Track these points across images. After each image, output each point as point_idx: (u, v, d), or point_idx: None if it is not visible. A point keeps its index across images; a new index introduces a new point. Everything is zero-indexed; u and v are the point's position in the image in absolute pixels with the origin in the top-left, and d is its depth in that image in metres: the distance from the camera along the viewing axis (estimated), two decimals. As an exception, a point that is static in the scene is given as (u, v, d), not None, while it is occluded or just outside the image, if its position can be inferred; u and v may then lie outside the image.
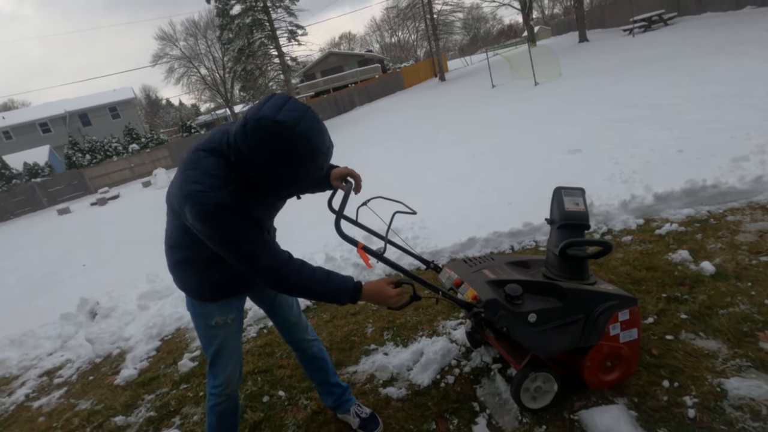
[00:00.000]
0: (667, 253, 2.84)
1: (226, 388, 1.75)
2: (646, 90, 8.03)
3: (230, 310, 1.69)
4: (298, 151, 1.23)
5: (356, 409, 2.05)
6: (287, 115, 1.21)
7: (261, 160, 1.25)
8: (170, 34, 40.70)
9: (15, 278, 7.54)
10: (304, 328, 1.97)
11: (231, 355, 1.74)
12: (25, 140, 33.12)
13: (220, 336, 1.69)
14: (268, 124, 1.19)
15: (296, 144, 1.22)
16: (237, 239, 1.35)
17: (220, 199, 1.29)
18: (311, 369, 2.03)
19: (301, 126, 1.22)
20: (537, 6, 52.87)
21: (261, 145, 1.22)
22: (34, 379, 3.42)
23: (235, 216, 1.33)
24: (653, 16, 17.58)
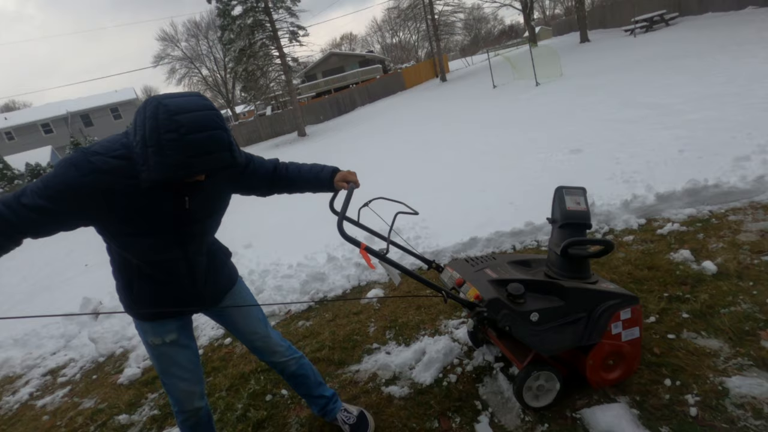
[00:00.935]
0: (669, 253, 2.84)
1: (184, 406, 1.69)
2: (648, 90, 8.03)
3: (165, 332, 1.58)
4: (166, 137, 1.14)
5: (343, 415, 2.02)
6: (176, 102, 1.16)
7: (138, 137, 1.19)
8: (172, 35, 40.83)
9: (18, 278, 7.57)
10: (273, 351, 1.86)
11: (179, 375, 1.64)
12: (27, 141, 33.25)
13: (160, 356, 1.61)
14: (154, 104, 1.16)
15: (167, 129, 1.13)
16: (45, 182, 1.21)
17: (78, 159, 1.22)
18: (293, 385, 2.00)
19: (184, 117, 1.14)
20: (538, 6, 52.90)
21: (143, 121, 1.17)
22: (37, 378, 3.43)
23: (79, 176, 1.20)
24: (655, 17, 17.56)
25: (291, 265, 4.04)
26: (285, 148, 18.89)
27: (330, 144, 16.05)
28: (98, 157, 1.23)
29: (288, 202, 4.04)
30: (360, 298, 3.37)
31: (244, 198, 1.89)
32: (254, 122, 27.25)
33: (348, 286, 3.57)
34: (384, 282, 3.53)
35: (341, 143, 15.23)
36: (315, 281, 3.65)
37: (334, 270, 3.78)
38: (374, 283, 3.55)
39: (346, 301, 3.38)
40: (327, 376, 2.50)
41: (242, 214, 6.96)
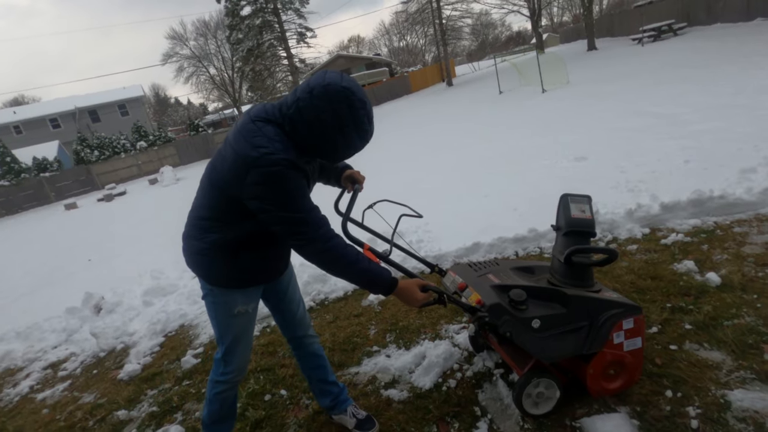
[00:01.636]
0: (673, 263, 2.83)
1: (236, 376, 1.79)
2: (654, 99, 8.01)
3: (252, 299, 1.72)
4: (359, 114, 1.36)
5: (353, 409, 2.05)
6: (350, 83, 1.36)
7: (324, 123, 1.35)
8: (181, 34, 41.16)
9: (22, 271, 7.61)
10: (308, 325, 2.00)
11: (247, 344, 1.78)
12: (34, 135, 33.49)
13: (239, 325, 1.72)
14: (338, 89, 1.33)
15: (358, 107, 1.35)
16: (301, 204, 1.42)
17: (289, 158, 1.37)
18: (310, 367, 2.04)
19: (361, 92, 1.37)
20: (546, 13, 52.90)
21: (328, 107, 1.33)
22: (38, 371, 3.45)
23: (301, 180, 1.42)
24: (663, 26, 17.54)
25: (293, 264, 4.04)
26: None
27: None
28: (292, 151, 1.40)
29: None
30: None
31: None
32: (260, 122, 27.31)
33: (350, 288, 3.57)
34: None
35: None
36: (317, 282, 3.66)
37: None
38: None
39: (347, 303, 3.38)
40: (326, 377, 2.49)
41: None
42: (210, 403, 1.83)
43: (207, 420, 1.87)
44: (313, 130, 1.38)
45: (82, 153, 25.31)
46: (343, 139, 1.39)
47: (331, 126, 1.35)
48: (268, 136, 1.39)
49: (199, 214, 1.59)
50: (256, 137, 1.39)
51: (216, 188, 1.49)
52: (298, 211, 1.41)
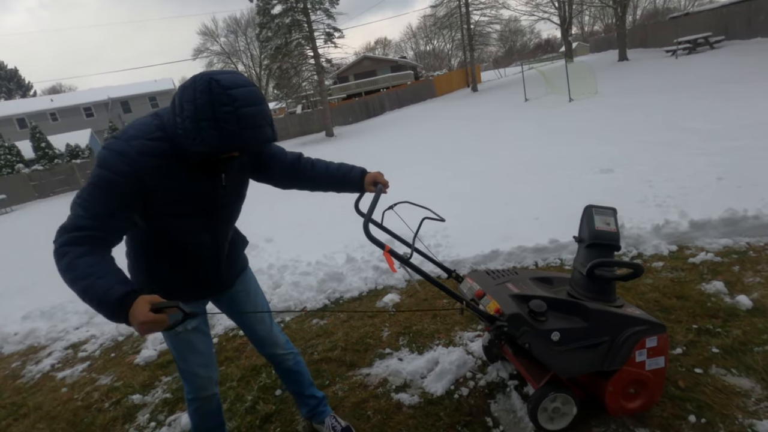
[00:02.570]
0: (701, 283, 2.72)
1: (200, 392, 1.72)
2: (687, 113, 7.77)
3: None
4: (222, 110, 1.18)
5: (332, 421, 2.01)
6: (226, 77, 1.22)
7: (185, 113, 1.22)
8: (212, 30, 42.11)
9: (50, 253, 7.86)
10: (274, 342, 1.88)
11: (196, 361, 1.66)
12: (69, 123, 34.75)
13: (180, 342, 1.63)
14: (204, 79, 1.20)
15: (222, 102, 1.18)
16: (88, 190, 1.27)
17: (121, 146, 1.27)
18: (286, 381, 2.02)
19: (236, 91, 1.20)
20: (577, 22, 52.04)
21: (190, 97, 1.20)
22: (60, 350, 3.55)
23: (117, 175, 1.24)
24: (699, 39, 17.03)
25: (310, 262, 4.07)
26: (312, 147, 19.09)
27: (357, 146, 16.16)
28: (138, 142, 1.28)
29: (311, 199, 4.08)
30: (371, 312, 3.35)
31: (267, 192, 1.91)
32: (284, 120, 27.72)
33: (365, 289, 3.57)
34: (401, 287, 3.51)
35: (368, 146, 15.31)
36: (332, 281, 3.66)
37: (352, 271, 3.79)
38: (391, 287, 3.53)
39: (362, 304, 3.38)
40: (337, 377, 2.49)
41: (265, 208, 7.07)
42: (191, 418, 1.80)
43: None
44: (177, 118, 1.25)
45: (112, 142, 26.09)
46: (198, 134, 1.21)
47: (190, 117, 1.21)
48: (135, 123, 1.34)
49: None
50: (129, 126, 1.35)
51: None
52: (78, 195, 1.29)
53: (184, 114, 1.22)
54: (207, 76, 1.21)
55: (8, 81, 48.41)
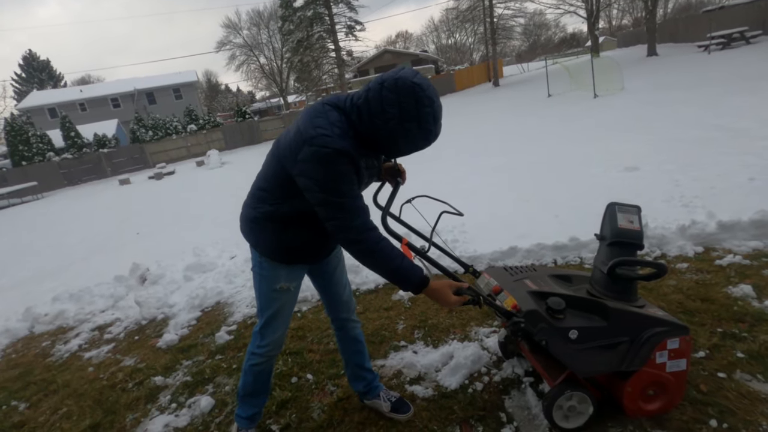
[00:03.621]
0: (727, 286, 2.64)
1: (271, 350, 1.85)
2: (718, 111, 7.49)
3: (296, 277, 1.78)
4: (424, 111, 1.35)
5: (385, 393, 2.10)
6: (421, 80, 1.37)
7: (387, 115, 1.36)
8: (235, 23, 42.55)
9: (77, 238, 8.18)
10: (352, 309, 2.04)
11: (284, 321, 1.84)
12: (97, 113, 35.77)
13: (280, 301, 1.78)
14: (408, 84, 1.34)
15: (425, 104, 1.35)
16: (343, 189, 1.43)
17: (342, 145, 1.39)
18: (349, 351, 2.08)
19: (431, 90, 1.37)
20: (604, 15, 50.61)
21: (394, 100, 1.34)
22: (87, 332, 3.70)
23: (349, 167, 1.42)
24: (734, 33, 16.36)
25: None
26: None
27: (375, 140, 16.12)
28: (348, 141, 1.42)
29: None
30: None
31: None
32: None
33: (381, 281, 3.59)
34: (417, 281, 3.51)
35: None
36: (349, 272, 3.66)
37: (368, 264, 3.80)
38: (407, 281, 3.54)
39: (377, 296, 3.40)
40: (352, 366, 2.52)
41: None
42: (245, 375, 1.91)
43: (241, 392, 1.95)
44: (375, 121, 1.39)
45: (137, 132, 26.79)
46: (404, 134, 1.39)
47: (395, 119, 1.36)
48: (331, 120, 1.43)
49: (258, 185, 1.67)
50: (318, 118, 1.44)
51: (276, 160, 1.56)
52: (338, 196, 1.43)
53: (386, 116, 1.37)
54: (409, 80, 1.34)
55: (40, 72, 50.04)
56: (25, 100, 36.61)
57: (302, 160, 1.42)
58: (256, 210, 1.66)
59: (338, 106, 1.48)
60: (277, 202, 1.60)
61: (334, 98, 1.53)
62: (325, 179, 1.41)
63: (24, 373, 3.16)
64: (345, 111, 1.47)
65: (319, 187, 1.42)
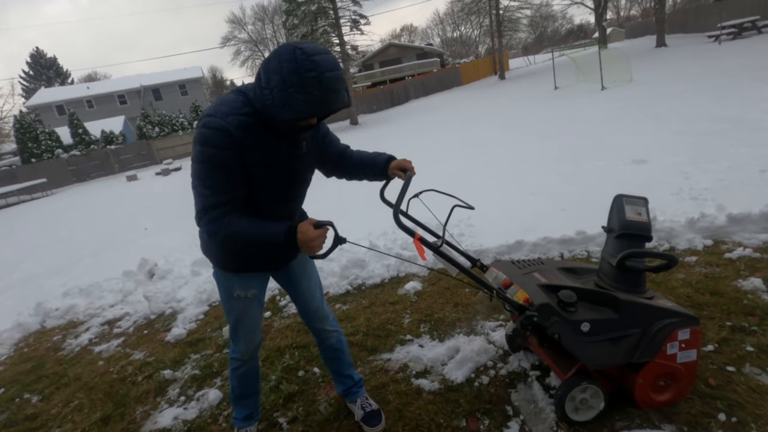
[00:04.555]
0: (737, 280, 2.61)
1: (244, 354, 1.86)
2: (729, 102, 7.37)
3: (251, 286, 1.75)
4: (308, 75, 1.25)
5: (363, 401, 2.07)
6: (308, 45, 1.29)
7: (272, 83, 1.29)
8: (240, 18, 42.52)
9: (87, 234, 8.27)
10: (324, 318, 1.99)
11: (249, 326, 1.82)
12: (104, 110, 36.00)
13: (239, 308, 1.77)
14: (289, 48, 1.28)
15: (306, 68, 1.25)
16: (203, 168, 1.38)
17: (221, 123, 1.35)
18: (327, 357, 2.09)
19: (320, 56, 1.27)
20: (612, 6, 49.88)
21: (278, 68, 1.27)
22: (97, 326, 3.75)
23: (223, 149, 1.36)
24: (745, 23, 16.06)
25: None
26: (337, 135, 19.16)
27: (381, 134, 16.11)
28: (233, 117, 1.37)
29: (333, 187, 4.10)
30: (397, 288, 3.36)
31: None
32: (309, 108, 27.82)
33: (387, 276, 3.59)
34: (423, 275, 3.52)
35: (392, 134, 15.24)
36: (355, 267, 3.70)
37: (374, 258, 3.81)
38: (413, 275, 3.54)
39: (383, 290, 3.40)
40: (359, 361, 2.53)
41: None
42: (231, 379, 1.95)
43: (231, 395, 2.00)
44: (264, 90, 1.32)
45: (144, 129, 26.95)
46: (288, 100, 1.29)
47: (278, 86, 1.28)
48: (224, 100, 1.42)
49: None
50: (216, 103, 1.43)
51: None
52: (197, 177, 1.40)
53: (271, 84, 1.30)
54: (291, 45, 1.29)
55: (48, 69, 50.42)
56: (34, 97, 36.90)
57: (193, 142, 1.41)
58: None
59: (241, 90, 1.46)
60: None
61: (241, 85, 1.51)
62: (197, 159, 1.38)
63: (36, 367, 3.22)
64: (243, 91, 1.44)
65: (193, 167, 1.40)
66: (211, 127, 1.35)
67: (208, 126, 1.36)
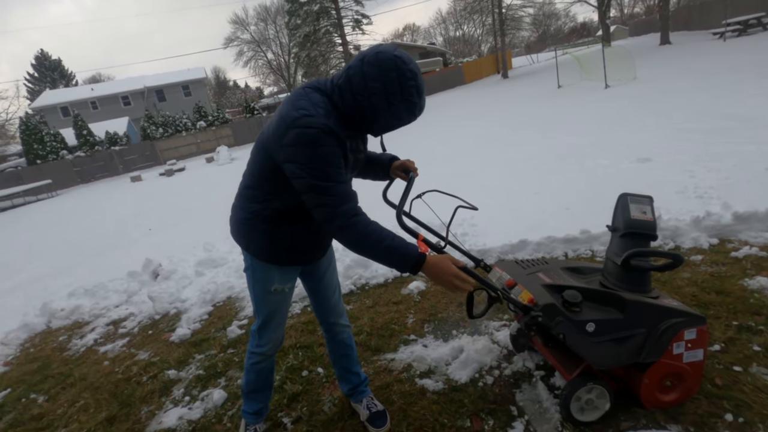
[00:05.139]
0: (743, 278, 2.59)
1: (270, 349, 1.86)
2: (734, 99, 7.32)
3: (289, 279, 1.75)
4: (408, 84, 1.33)
5: (368, 401, 2.06)
6: (402, 53, 1.35)
7: (370, 90, 1.33)
8: (243, 19, 42.59)
9: (91, 235, 8.31)
10: (340, 313, 2.01)
11: (280, 321, 1.83)
12: (108, 111, 36.17)
13: (274, 302, 1.76)
14: (389, 57, 1.32)
15: (408, 77, 1.32)
16: (330, 172, 1.38)
17: (327, 123, 1.35)
18: (336, 354, 2.08)
19: (413, 65, 1.35)
20: (615, 4, 49.56)
21: (377, 74, 1.31)
22: (102, 326, 3.76)
23: (335, 148, 1.38)
24: (751, 20, 15.93)
25: (336, 248, 4.11)
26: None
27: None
28: (333, 120, 1.39)
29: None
30: (401, 288, 3.36)
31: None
32: (312, 107, 27.85)
33: (390, 276, 3.59)
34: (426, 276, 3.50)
35: (394, 133, 15.18)
36: (358, 267, 3.70)
37: (377, 258, 3.81)
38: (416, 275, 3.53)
39: (387, 290, 3.40)
40: (363, 361, 2.52)
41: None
42: (247, 373, 1.92)
43: (245, 388, 1.97)
44: (358, 98, 1.35)
45: (148, 129, 27.06)
46: (388, 108, 1.35)
47: (377, 93, 1.32)
48: (313, 101, 1.40)
49: (245, 183, 1.63)
50: (300, 100, 1.41)
51: (261, 151, 1.51)
52: (324, 180, 1.37)
53: (369, 92, 1.33)
54: (390, 54, 1.32)
55: (52, 71, 50.71)
56: (38, 99, 37.15)
57: (287, 144, 1.36)
58: (245, 210, 1.61)
59: (319, 88, 1.45)
60: (266, 199, 1.55)
61: (314, 82, 1.50)
62: (312, 161, 1.35)
63: (42, 367, 3.24)
64: (326, 93, 1.44)
65: (305, 170, 1.36)
66: (317, 127, 1.34)
67: (314, 126, 1.34)
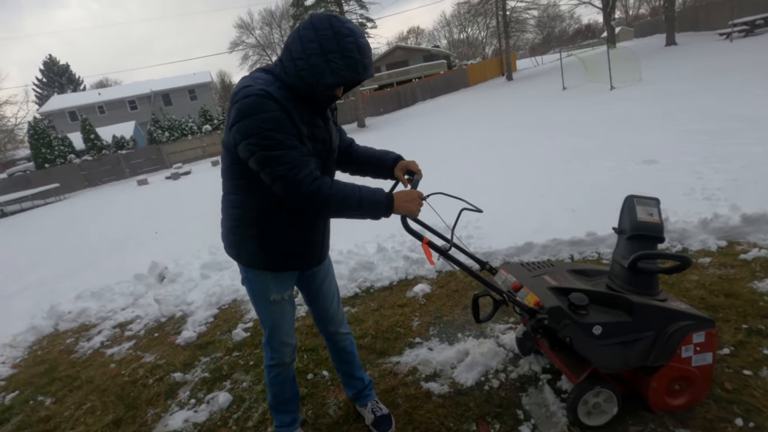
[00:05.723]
0: (752, 281, 2.56)
1: (285, 357, 1.82)
2: (741, 100, 7.26)
3: (286, 287, 1.72)
4: (346, 41, 1.30)
5: (373, 405, 2.05)
6: (339, 15, 1.35)
7: (309, 51, 1.31)
8: (248, 23, 42.91)
9: (98, 238, 8.37)
10: (340, 321, 1.99)
11: (288, 329, 1.79)
12: (115, 115, 36.51)
13: (277, 312, 1.73)
14: (322, 18, 1.33)
15: (344, 34, 1.30)
16: (278, 137, 1.33)
17: (263, 89, 1.34)
18: (339, 360, 2.07)
19: (351, 24, 1.34)
20: (620, 5, 49.42)
21: (313, 36, 1.31)
22: (108, 329, 3.79)
23: (277, 111, 1.34)
24: (758, 20, 15.81)
25: (341, 251, 4.11)
26: (343, 138, 19.19)
27: (388, 136, 16.12)
28: (272, 87, 1.36)
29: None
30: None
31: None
32: (316, 111, 27.94)
33: (395, 278, 3.58)
34: (431, 278, 3.50)
35: (399, 136, 15.25)
36: (363, 270, 3.70)
37: (383, 261, 3.81)
38: (422, 278, 3.53)
39: (392, 293, 3.39)
40: (368, 364, 2.52)
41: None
42: (270, 387, 1.88)
43: (273, 402, 1.92)
44: (298, 62, 1.33)
45: (154, 133, 27.28)
46: (328, 66, 1.31)
47: (316, 53, 1.30)
48: (252, 77, 1.42)
49: (223, 191, 1.62)
50: (243, 80, 1.42)
51: (224, 150, 1.49)
52: (274, 148, 1.33)
53: (307, 52, 1.32)
54: (323, 15, 1.33)
55: (60, 76, 51.31)
56: (47, 104, 37.57)
57: (234, 123, 1.35)
58: (229, 217, 1.60)
59: (264, 68, 1.47)
60: (244, 200, 1.53)
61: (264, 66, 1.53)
62: (257, 131, 1.32)
63: (49, 369, 3.26)
64: (270, 70, 1.45)
65: (253, 142, 1.33)
66: (254, 94, 1.32)
67: (251, 93, 1.32)
